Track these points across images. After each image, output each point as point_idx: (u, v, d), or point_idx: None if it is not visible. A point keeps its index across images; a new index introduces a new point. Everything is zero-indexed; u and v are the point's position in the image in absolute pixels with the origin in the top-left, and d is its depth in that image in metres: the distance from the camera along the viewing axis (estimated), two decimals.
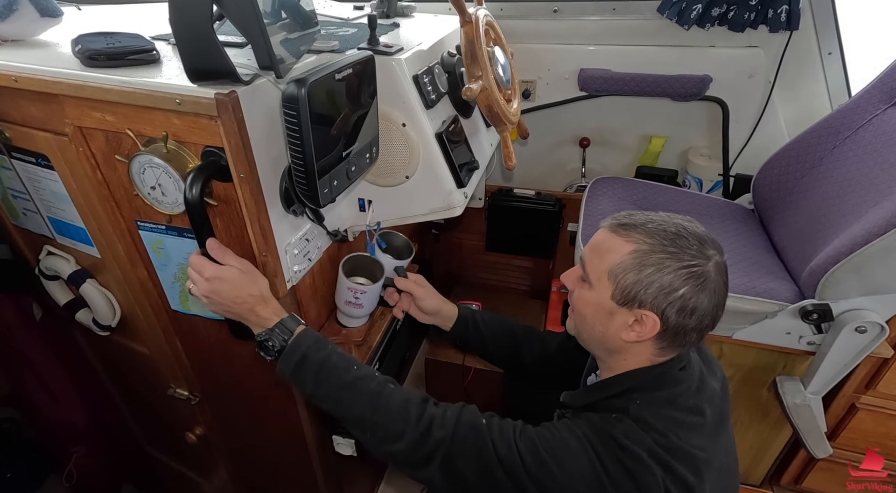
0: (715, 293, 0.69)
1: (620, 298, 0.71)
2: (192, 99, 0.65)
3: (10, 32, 0.83)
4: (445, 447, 0.70)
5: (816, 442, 1.26)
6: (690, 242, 0.69)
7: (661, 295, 0.68)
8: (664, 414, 0.70)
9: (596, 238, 0.76)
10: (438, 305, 1.03)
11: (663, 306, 0.69)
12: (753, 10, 1.39)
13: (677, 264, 0.68)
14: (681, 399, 0.73)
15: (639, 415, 0.70)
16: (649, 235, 0.70)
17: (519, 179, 1.93)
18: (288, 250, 0.84)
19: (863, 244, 0.97)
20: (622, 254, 0.71)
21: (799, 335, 1.19)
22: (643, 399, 0.72)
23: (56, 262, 1.04)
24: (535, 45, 1.62)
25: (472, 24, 0.90)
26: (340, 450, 1.15)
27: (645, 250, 0.69)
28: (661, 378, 0.74)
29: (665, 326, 0.70)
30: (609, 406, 0.74)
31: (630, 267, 0.70)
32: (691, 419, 0.72)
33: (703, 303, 0.69)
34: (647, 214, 0.75)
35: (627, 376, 0.76)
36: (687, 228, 0.71)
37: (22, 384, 1.41)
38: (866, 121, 1.22)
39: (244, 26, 0.65)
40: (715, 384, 0.80)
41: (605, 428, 0.70)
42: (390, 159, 0.92)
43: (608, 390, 0.77)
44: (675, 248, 0.68)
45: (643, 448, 0.67)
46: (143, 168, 0.76)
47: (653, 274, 0.68)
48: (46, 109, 0.78)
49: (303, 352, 0.76)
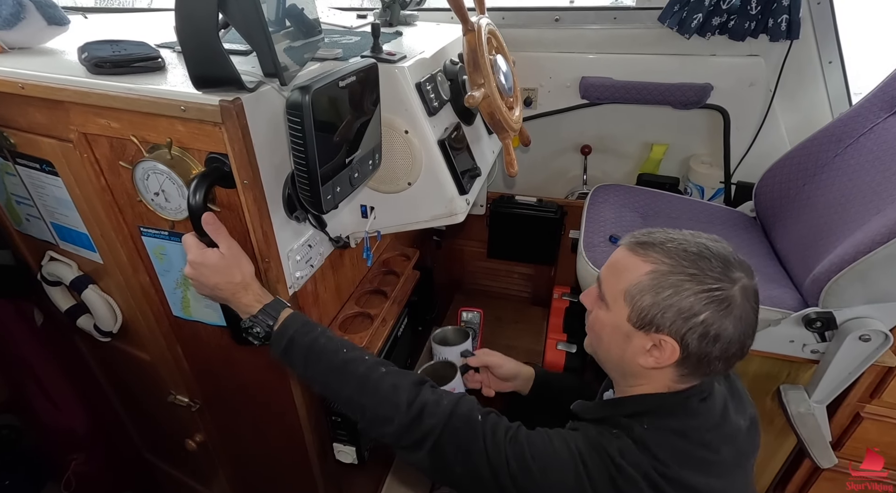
0: (742, 320, 0.65)
1: (637, 321, 0.68)
2: (197, 106, 0.66)
3: (17, 40, 0.84)
4: (436, 435, 0.69)
5: (821, 452, 1.25)
6: (713, 263, 0.65)
7: (680, 320, 0.65)
8: (670, 444, 0.67)
9: (614, 257, 0.73)
10: (516, 368, 1.02)
11: (683, 332, 0.65)
12: (754, 20, 1.40)
13: (698, 287, 0.64)
14: (693, 432, 0.69)
15: (641, 438, 0.67)
16: (668, 255, 0.67)
17: (520, 186, 1.93)
18: (290, 256, 0.84)
19: (866, 252, 0.97)
20: (639, 274, 0.67)
21: (802, 344, 1.18)
22: (652, 424, 0.69)
23: (58, 267, 1.04)
24: (537, 53, 1.63)
25: (475, 33, 0.91)
26: (341, 458, 1.15)
27: (663, 270, 0.66)
28: (677, 407, 0.70)
29: (685, 353, 0.66)
30: (615, 423, 0.71)
31: (647, 289, 0.66)
32: (700, 454, 0.68)
33: (727, 329, 0.65)
34: (669, 232, 0.71)
35: (643, 398, 0.72)
36: (711, 248, 0.66)
37: (22, 390, 1.40)
38: (867, 129, 1.22)
39: (249, 34, 0.65)
40: (742, 423, 0.75)
41: (601, 443, 0.67)
42: (393, 166, 0.92)
43: (621, 408, 0.74)
44: (695, 269, 0.65)
45: (639, 472, 0.64)
46: (147, 174, 0.76)
47: (671, 297, 0.65)
48: (52, 116, 0.79)
49: (290, 336, 0.75)
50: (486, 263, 2.02)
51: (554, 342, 1.54)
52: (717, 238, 0.69)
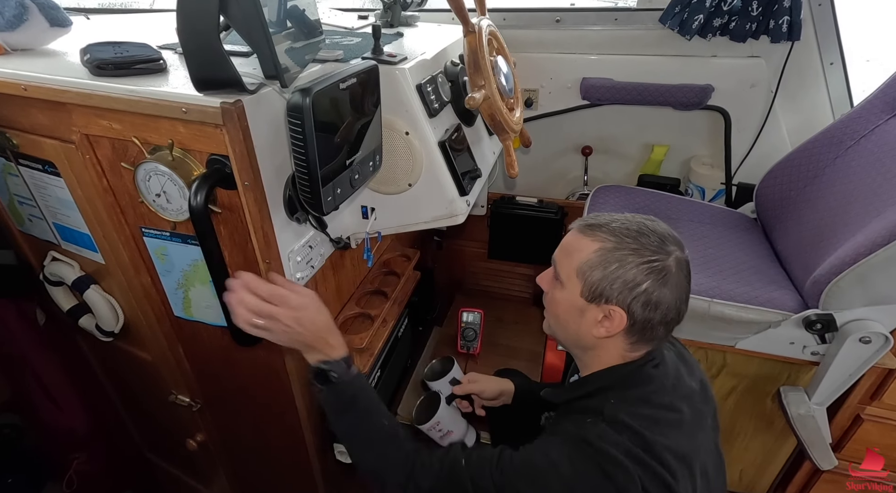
0: (677, 287, 0.73)
1: (588, 294, 0.74)
2: (199, 108, 0.66)
3: (20, 42, 0.85)
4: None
5: (821, 453, 1.25)
6: (651, 238, 0.73)
7: (626, 290, 0.71)
8: (638, 412, 0.72)
9: (566, 239, 0.80)
10: (498, 388, 1.11)
11: (628, 301, 0.72)
12: (755, 21, 1.40)
13: (639, 259, 0.71)
14: (654, 396, 0.75)
15: (613, 416, 0.72)
16: (613, 233, 0.74)
17: (521, 187, 1.93)
18: (291, 258, 0.84)
19: (866, 254, 0.97)
20: (588, 252, 0.74)
21: (803, 345, 1.18)
22: (617, 398, 0.75)
23: (60, 268, 1.05)
24: (538, 54, 1.63)
25: (476, 35, 0.91)
26: (341, 458, 1.15)
27: (609, 247, 0.73)
28: (634, 376, 0.77)
29: (632, 320, 0.73)
30: (584, 407, 0.77)
31: (596, 264, 0.73)
32: (666, 416, 0.74)
33: (665, 296, 0.72)
34: (612, 214, 0.78)
35: (601, 374, 0.79)
36: (648, 226, 0.74)
37: (24, 390, 1.41)
38: (868, 131, 1.22)
39: (250, 36, 0.65)
40: (693, 384, 0.82)
41: (580, 435, 0.72)
42: (393, 167, 0.93)
43: (584, 387, 0.80)
44: (636, 244, 0.72)
45: (619, 450, 0.68)
46: (149, 175, 0.76)
47: (617, 270, 0.72)
48: (54, 117, 0.79)
49: (354, 393, 0.80)
50: (486, 263, 2.02)
51: (554, 343, 1.54)
52: (654, 218, 0.77)
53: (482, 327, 1.65)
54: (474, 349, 1.63)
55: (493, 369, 1.63)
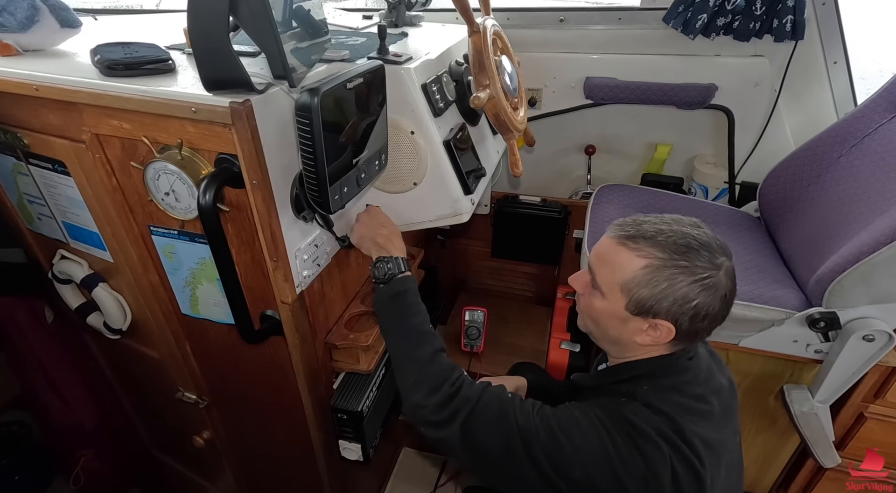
0: (726, 298, 0.72)
1: (634, 309, 0.73)
2: (208, 107, 0.67)
3: (31, 43, 0.86)
4: (470, 407, 0.74)
5: (825, 451, 1.25)
6: (701, 253, 0.70)
7: (676, 307, 0.71)
8: (670, 399, 0.73)
9: (604, 248, 0.77)
10: (513, 385, 1.08)
11: (677, 316, 0.71)
12: (758, 20, 1.40)
13: (690, 278, 0.70)
14: (686, 387, 0.75)
15: (646, 400, 0.73)
16: (660, 248, 0.71)
17: (525, 186, 1.94)
18: (297, 256, 0.85)
19: (870, 253, 0.97)
20: (634, 269, 0.72)
21: (806, 343, 1.19)
22: (650, 385, 0.75)
23: (69, 266, 1.06)
24: (542, 54, 1.64)
25: (480, 34, 0.92)
26: (346, 455, 1.16)
27: (657, 264, 0.71)
28: (668, 367, 0.77)
29: (679, 331, 0.73)
30: (616, 391, 0.77)
31: (643, 283, 0.71)
32: (697, 406, 0.74)
33: (715, 307, 0.72)
34: (654, 222, 0.75)
35: (635, 364, 0.79)
36: (697, 238, 0.71)
37: (32, 387, 1.42)
38: (872, 130, 1.22)
39: (259, 36, 0.66)
40: (723, 381, 0.82)
41: (616, 409, 0.72)
42: (399, 166, 0.93)
43: (617, 375, 0.80)
44: (686, 261, 0.70)
45: (652, 427, 0.69)
46: (158, 174, 0.77)
47: (667, 289, 0.70)
48: (65, 117, 0.80)
49: (406, 287, 0.86)
50: (490, 262, 2.03)
51: (557, 342, 1.55)
52: (697, 223, 0.75)
53: (486, 326, 1.66)
54: (478, 348, 1.64)
55: (497, 368, 1.65)
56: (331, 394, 1.11)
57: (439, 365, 0.79)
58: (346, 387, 1.13)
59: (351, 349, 1.06)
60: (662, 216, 0.76)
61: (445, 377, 0.77)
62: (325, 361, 1.07)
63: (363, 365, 1.07)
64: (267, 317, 0.92)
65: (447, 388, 0.75)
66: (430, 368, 0.78)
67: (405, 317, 0.84)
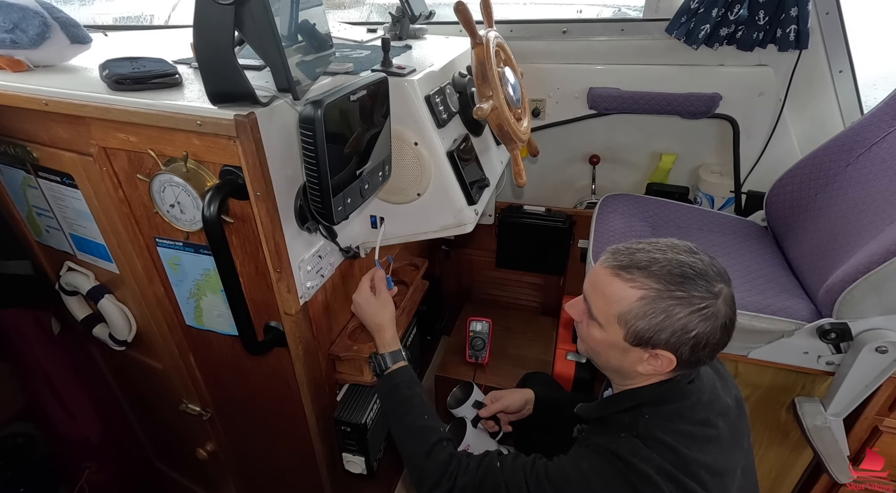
0: (726, 326, 0.71)
1: (633, 340, 0.72)
2: (213, 120, 0.68)
3: (42, 58, 0.87)
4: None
5: (839, 466, 1.22)
6: (697, 282, 0.68)
7: (674, 338, 0.69)
8: (673, 428, 0.71)
9: (598, 278, 0.75)
10: (521, 397, 1.13)
11: (678, 346, 0.70)
12: (762, 30, 1.40)
13: (688, 308, 0.68)
14: (689, 412, 0.74)
15: (647, 432, 0.71)
16: (655, 279, 0.69)
17: (529, 196, 1.94)
18: (301, 267, 0.85)
19: (880, 262, 0.95)
20: (630, 302, 0.71)
21: (817, 355, 1.16)
22: (651, 413, 0.74)
23: (76, 278, 1.07)
24: (545, 65, 1.65)
25: (483, 46, 0.93)
26: (350, 468, 1.15)
27: (652, 296, 0.69)
28: (669, 392, 0.76)
29: (680, 360, 0.72)
30: (618, 422, 0.76)
31: (640, 315, 0.70)
32: (702, 432, 0.73)
33: (716, 336, 0.70)
34: (648, 249, 0.73)
35: (637, 392, 0.78)
36: (693, 266, 0.69)
37: (38, 399, 1.43)
38: (880, 138, 1.21)
39: (264, 50, 0.67)
40: (729, 400, 0.80)
41: (611, 450, 0.71)
42: (402, 177, 0.94)
43: (619, 404, 0.79)
44: (682, 291, 0.68)
45: (650, 466, 0.67)
46: (164, 187, 0.78)
47: (664, 321, 0.69)
48: (73, 131, 0.81)
49: (395, 383, 0.93)
50: (494, 272, 2.02)
51: (563, 353, 1.53)
52: (693, 248, 0.73)
53: (491, 337, 1.64)
54: (483, 359, 1.63)
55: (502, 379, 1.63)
56: (334, 406, 1.11)
57: (434, 462, 0.83)
58: (349, 399, 1.12)
59: (355, 361, 1.06)
60: (657, 242, 0.74)
61: (442, 472, 0.81)
62: (328, 372, 1.06)
63: (367, 377, 1.06)
64: (270, 328, 0.92)
65: (445, 483, 0.80)
66: (426, 465, 0.83)
67: (398, 415, 0.91)
